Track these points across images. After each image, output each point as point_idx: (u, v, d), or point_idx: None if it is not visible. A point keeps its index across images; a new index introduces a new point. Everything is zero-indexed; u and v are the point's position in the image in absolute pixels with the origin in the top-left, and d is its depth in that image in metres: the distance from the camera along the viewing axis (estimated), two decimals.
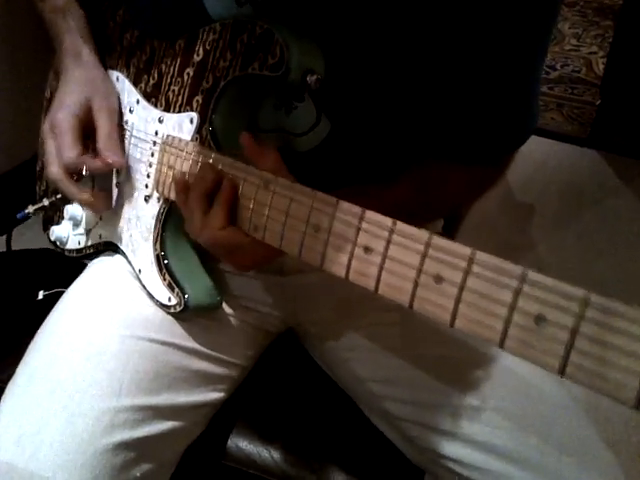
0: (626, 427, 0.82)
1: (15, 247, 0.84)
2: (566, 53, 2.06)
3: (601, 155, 1.52)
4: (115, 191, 0.68)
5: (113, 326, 0.61)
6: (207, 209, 0.53)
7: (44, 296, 0.82)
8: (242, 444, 0.68)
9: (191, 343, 0.63)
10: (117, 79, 0.67)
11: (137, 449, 0.56)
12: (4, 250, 0.83)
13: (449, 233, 0.91)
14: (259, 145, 0.53)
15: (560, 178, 1.42)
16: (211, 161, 0.54)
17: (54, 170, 0.62)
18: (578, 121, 1.75)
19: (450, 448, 0.59)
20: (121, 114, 0.66)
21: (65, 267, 0.75)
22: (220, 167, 0.53)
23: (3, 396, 0.59)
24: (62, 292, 0.69)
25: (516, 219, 1.31)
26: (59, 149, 0.61)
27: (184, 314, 0.62)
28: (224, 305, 0.66)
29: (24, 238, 0.84)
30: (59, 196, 0.71)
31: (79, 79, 0.63)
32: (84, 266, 0.72)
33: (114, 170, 0.67)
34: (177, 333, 0.63)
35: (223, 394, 0.66)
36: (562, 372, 0.30)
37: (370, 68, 0.55)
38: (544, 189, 1.37)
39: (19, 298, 0.83)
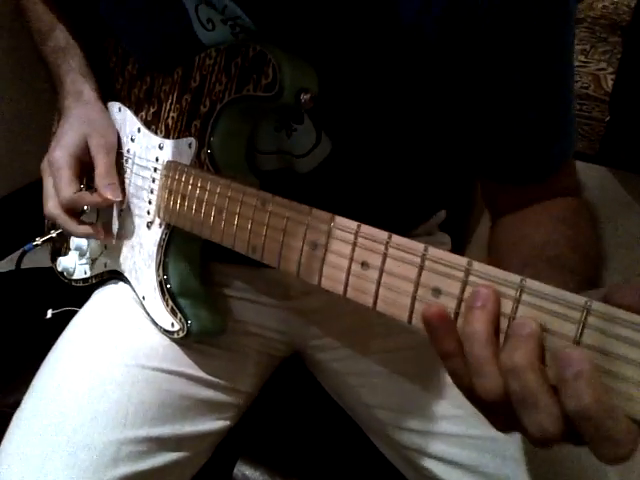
0: None
1: (24, 265, 0.84)
2: (574, 69, 2.05)
3: (611, 172, 1.49)
4: (118, 219, 0.68)
5: (118, 356, 0.60)
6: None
7: (53, 315, 0.82)
8: (248, 472, 0.67)
9: (196, 371, 0.63)
10: (119, 110, 0.68)
11: None
12: (13, 269, 0.83)
13: (458, 249, 0.89)
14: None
15: None
16: (209, 184, 0.54)
17: (52, 207, 0.62)
18: (587, 138, 1.74)
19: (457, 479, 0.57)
20: (122, 144, 0.67)
21: (75, 286, 0.75)
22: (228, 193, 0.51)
23: (9, 427, 0.59)
24: (71, 311, 0.69)
25: None
26: (56, 186, 0.61)
27: (187, 340, 0.61)
28: (229, 331, 0.65)
29: (33, 256, 0.83)
30: None
31: (78, 118, 0.64)
32: (92, 285, 0.72)
33: None
34: (182, 361, 0.62)
35: (229, 422, 0.65)
36: None
37: (368, 86, 0.54)
38: None
39: (28, 317, 0.83)
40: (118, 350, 0.61)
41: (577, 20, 2.28)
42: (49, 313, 0.83)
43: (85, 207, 0.64)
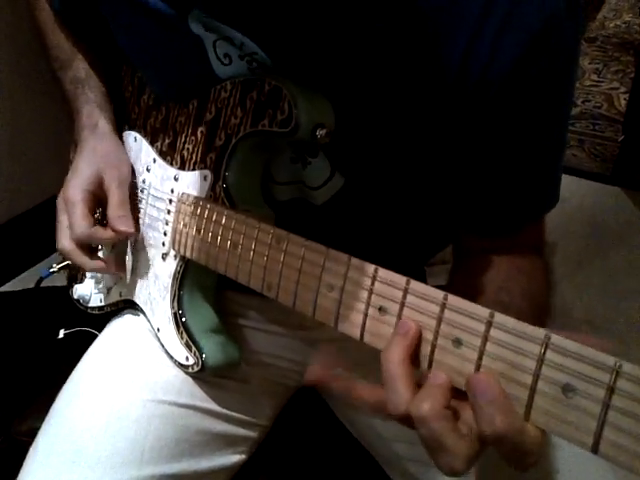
0: None
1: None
2: (587, 89, 2.05)
3: (625, 192, 1.47)
4: (134, 250, 0.68)
5: (134, 390, 0.60)
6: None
7: (65, 335, 0.81)
8: None
9: (211, 404, 0.62)
10: (135, 139, 0.68)
11: None
12: (28, 287, 0.82)
13: None
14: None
15: (583, 216, 1.38)
16: (224, 218, 0.54)
17: (65, 243, 0.62)
18: (600, 158, 1.72)
19: None
20: (137, 174, 0.67)
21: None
22: (238, 226, 0.52)
23: (25, 462, 0.58)
24: (83, 331, 0.68)
25: None
26: (70, 222, 0.61)
27: (202, 374, 0.60)
28: (243, 362, 0.65)
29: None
30: None
31: (92, 151, 0.64)
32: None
33: None
34: (197, 395, 0.62)
35: (244, 455, 0.65)
36: (596, 450, 0.28)
37: (381, 123, 0.54)
38: (567, 227, 1.33)
39: (42, 337, 0.82)
40: (135, 385, 0.60)
41: (589, 39, 2.27)
42: (61, 333, 0.82)
43: (99, 245, 0.64)
